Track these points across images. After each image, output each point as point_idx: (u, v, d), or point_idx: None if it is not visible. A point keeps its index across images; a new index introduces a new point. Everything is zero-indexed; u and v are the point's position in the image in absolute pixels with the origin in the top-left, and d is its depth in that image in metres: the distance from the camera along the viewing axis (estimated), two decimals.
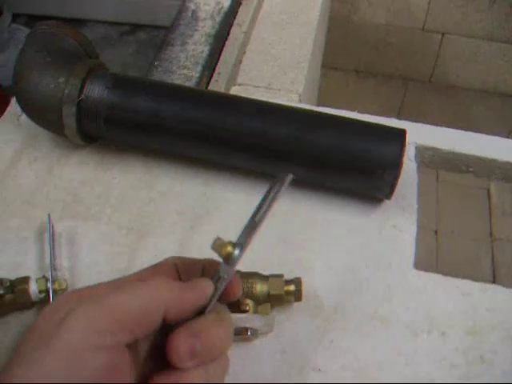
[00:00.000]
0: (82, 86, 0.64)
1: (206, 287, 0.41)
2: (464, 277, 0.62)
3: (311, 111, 0.65)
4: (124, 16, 2.68)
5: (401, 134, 0.62)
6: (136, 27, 2.72)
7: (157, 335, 0.41)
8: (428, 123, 0.73)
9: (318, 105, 0.81)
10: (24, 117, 0.74)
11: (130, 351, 0.39)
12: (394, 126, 0.64)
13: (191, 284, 0.41)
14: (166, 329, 0.40)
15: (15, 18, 2.49)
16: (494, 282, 1.54)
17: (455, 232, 1.70)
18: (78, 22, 2.29)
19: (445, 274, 0.62)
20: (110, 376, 0.37)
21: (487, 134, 0.73)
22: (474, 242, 1.69)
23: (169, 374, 0.39)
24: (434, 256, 1.62)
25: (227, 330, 0.41)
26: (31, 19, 2.68)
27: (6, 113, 0.76)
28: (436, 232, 1.69)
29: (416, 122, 0.72)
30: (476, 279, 0.62)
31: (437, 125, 0.74)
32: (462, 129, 0.73)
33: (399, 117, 0.71)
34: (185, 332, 0.39)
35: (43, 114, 0.66)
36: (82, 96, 0.64)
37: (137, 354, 0.40)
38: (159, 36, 2.65)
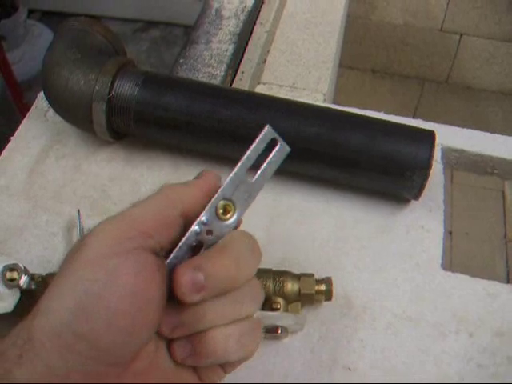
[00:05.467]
0: (112, 83, 0.64)
1: (210, 175, 0.43)
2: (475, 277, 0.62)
3: (340, 111, 0.65)
4: (138, 13, 2.69)
5: (430, 135, 0.62)
6: (149, 24, 2.74)
7: None
8: (444, 124, 0.73)
9: (333, 104, 0.81)
10: (51, 112, 0.75)
11: (158, 258, 0.39)
12: (422, 127, 0.64)
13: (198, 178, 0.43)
14: None
15: (29, 13, 2.51)
16: (508, 283, 1.53)
17: (470, 234, 1.70)
18: (86, 17, 2.31)
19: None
20: (137, 279, 0.37)
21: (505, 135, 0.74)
22: (489, 243, 1.69)
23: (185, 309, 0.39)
24: (449, 257, 1.62)
25: (232, 256, 0.39)
26: (45, 15, 2.70)
27: (32, 108, 0.77)
28: (451, 233, 1.69)
29: (432, 122, 0.72)
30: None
31: (453, 125, 0.74)
32: (478, 130, 0.74)
33: (415, 117, 0.71)
34: (186, 265, 0.38)
35: (72, 110, 0.66)
36: (112, 93, 0.64)
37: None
38: (172, 33, 2.67)
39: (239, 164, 0.40)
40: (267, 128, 0.42)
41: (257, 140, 0.41)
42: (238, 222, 0.41)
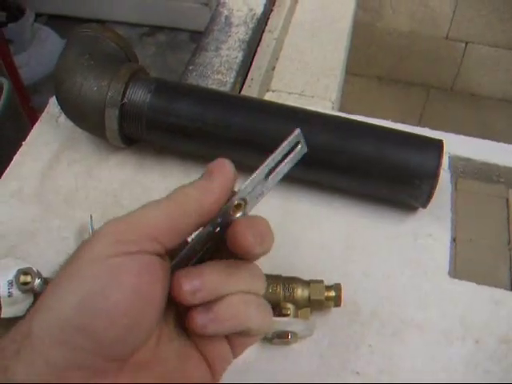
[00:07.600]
0: (125, 90, 0.65)
1: (227, 170, 0.42)
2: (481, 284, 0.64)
3: (349, 119, 0.66)
4: (144, 17, 2.71)
5: (439, 144, 0.63)
6: (155, 29, 2.75)
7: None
8: (449, 131, 0.74)
9: (340, 111, 0.82)
10: (62, 118, 0.75)
11: (163, 259, 0.39)
12: (429, 135, 0.65)
13: (209, 173, 0.42)
14: None
15: (36, 17, 2.52)
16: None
17: (473, 240, 1.70)
18: (97, 23, 2.31)
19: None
20: (140, 280, 0.37)
21: (509, 143, 0.74)
22: (492, 250, 1.69)
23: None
24: (452, 263, 1.62)
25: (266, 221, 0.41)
26: (51, 19, 2.71)
27: (44, 113, 0.78)
28: (454, 240, 1.69)
29: (437, 129, 0.73)
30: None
31: (458, 133, 0.75)
32: (482, 137, 0.75)
33: (420, 124, 0.72)
34: (245, 221, 0.39)
35: (85, 116, 0.67)
36: (125, 99, 0.65)
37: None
38: (178, 38, 2.68)
39: (263, 166, 0.40)
40: (297, 131, 0.42)
41: (285, 143, 0.41)
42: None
